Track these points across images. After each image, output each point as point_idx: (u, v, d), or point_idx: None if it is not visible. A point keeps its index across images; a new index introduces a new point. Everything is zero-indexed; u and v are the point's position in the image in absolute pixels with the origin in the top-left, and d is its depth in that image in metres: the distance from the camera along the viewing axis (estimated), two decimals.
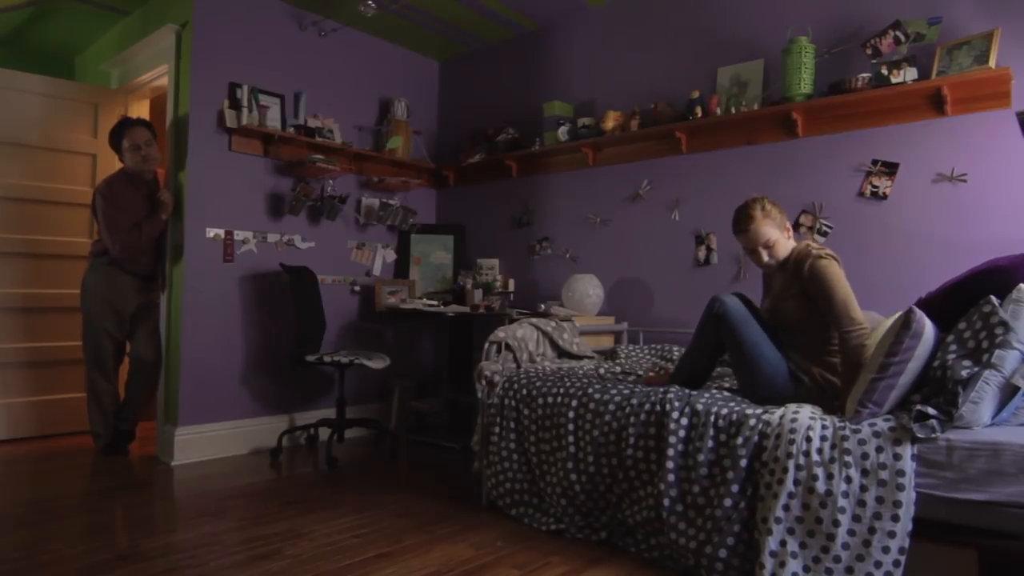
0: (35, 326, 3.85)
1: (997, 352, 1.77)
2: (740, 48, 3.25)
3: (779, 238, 2.34)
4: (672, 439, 2.13)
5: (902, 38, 2.69)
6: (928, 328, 1.90)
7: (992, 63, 2.47)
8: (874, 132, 2.83)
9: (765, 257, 2.35)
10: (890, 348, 1.90)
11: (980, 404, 1.75)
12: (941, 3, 2.68)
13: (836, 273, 2.19)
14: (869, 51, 2.76)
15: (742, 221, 2.36)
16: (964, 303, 1.97)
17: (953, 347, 1.88)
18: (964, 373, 1.78)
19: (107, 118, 4.06)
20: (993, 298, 1.87)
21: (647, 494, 2.20)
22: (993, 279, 1.96)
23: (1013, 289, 1.89)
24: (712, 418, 2.08)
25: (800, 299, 2.27)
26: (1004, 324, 1.79)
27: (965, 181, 2.63)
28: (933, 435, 1.74)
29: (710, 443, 2.06)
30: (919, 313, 1.90)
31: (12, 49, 4.54)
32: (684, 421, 2.14)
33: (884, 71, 2.68)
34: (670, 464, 2.11)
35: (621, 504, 2.29)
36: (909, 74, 2.64)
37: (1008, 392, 1.78)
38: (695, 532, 2.03)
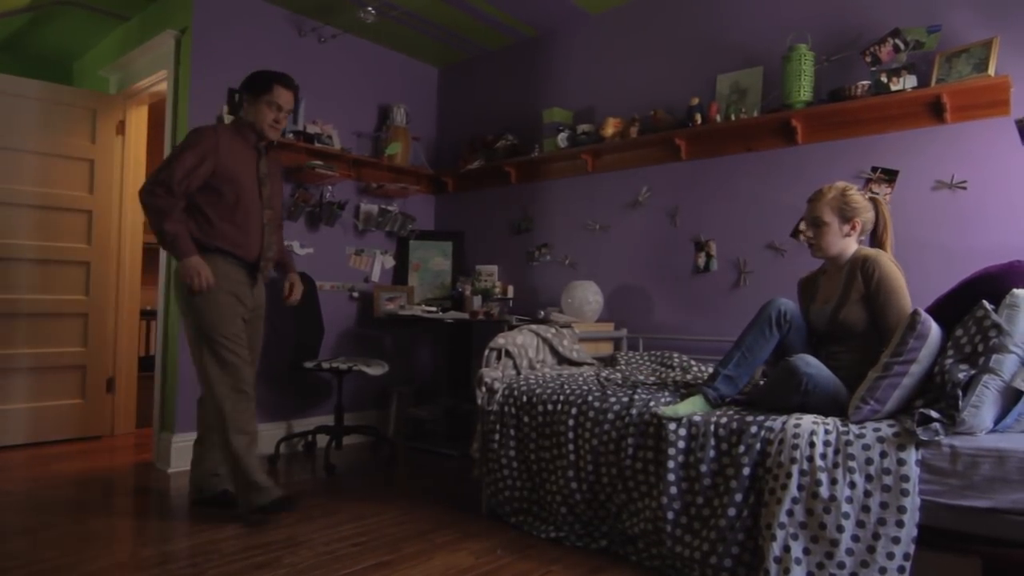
0: (33, 332, 3.82)
1: (994, 356, 1.78)
2: (740, 55, 3.26)
3: (832, 224, 2.25)
4: (671, 451, 2.11)
5: (901, 46, 2.71)
6: (934, 331, 1.91)
7: (991, 71, 2.48)
8: (874, 139, 2.84)
9: (810, 235, 2.30)
10: (895, 349, 1.92)
11: (981, 408, 1.75)
12: (940, 12, 2.69)
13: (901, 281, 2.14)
14: (868, 59, 2.77)
15: (814, 193, 2.32)
16: (960, 312, 1.98)
17: (951, 352, 1.89)
18: (961, 376, 1.78)
19: (105, 124, 4.06)
20: (985, 303, 1.89)
21: (645, 506, 2.18)
22: (986, 287, 1.98)
23: (1006, 295, 1.90)
24: (712, 427, 2.07)
25: (863, 305, 2.17)
26: (997, 327, 1.81)
27: (965, 188, 2.64)
28: (936, 437, 1.74)
29: (712, 453, 2.05)
30: (924, 315, 1.91)
31: (10, 54, 4.53)
32: (683, 432, 2.12)
33: (883, 79, 2.69)
34: (671, 476, 2.10)
35: (621, 515, 2.27)
36: (908, 82, 2.65)
37: (1010, 397, 1.79)
38: (699, 543, 2.01)
